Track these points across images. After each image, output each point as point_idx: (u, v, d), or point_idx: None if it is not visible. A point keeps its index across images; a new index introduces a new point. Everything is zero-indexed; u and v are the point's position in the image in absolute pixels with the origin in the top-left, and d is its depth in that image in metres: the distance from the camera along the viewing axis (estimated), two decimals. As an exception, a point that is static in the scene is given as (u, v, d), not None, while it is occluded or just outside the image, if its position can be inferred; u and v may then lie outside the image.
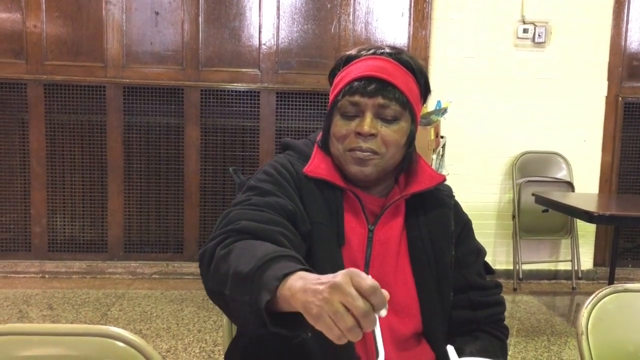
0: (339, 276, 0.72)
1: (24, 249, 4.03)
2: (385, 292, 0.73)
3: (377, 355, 0.80)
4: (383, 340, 1.03)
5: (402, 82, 1.10)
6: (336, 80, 1.15)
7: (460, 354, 0.90)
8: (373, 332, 0.75)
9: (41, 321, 3.15)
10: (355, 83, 1.09)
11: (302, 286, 0.76)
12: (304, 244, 1.05)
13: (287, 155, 1.19)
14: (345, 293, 0.71)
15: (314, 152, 1.17)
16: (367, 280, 0.72)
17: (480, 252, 1.24)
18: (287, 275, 0.79)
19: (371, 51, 1.13)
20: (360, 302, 0.70)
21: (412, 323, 1.12)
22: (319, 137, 1.20)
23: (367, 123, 1.08)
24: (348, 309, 0.70)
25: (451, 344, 0.93)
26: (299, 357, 0.94)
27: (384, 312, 0.72)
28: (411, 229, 1.16)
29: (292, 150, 1.21)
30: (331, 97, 1.14)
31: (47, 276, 3.95)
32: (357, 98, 1.09)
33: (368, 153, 1.09)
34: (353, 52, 1.15)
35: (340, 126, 1.11)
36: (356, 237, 1.11)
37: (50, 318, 3.22)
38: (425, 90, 1.17)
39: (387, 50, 1.13)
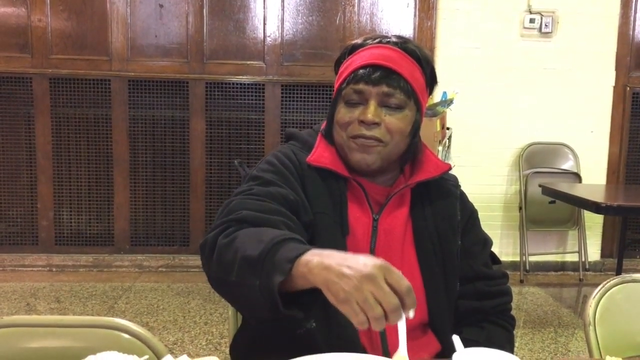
0: (371, 267, 0.74)
1: (31, 242, 4.05)
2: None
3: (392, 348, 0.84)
4: (389, 331, 1.03)
5: (407, 71, 1.08)
6: (341, 68, 1.14)
7: (466, 345, 0.89)
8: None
9: (49, 314, 3.17)
10: (360, 71, 1.08)
11: (320, 262, 0.78)
12: (306, 234, 1.05)
13: (290, 145, 1.18)
14: (378, 287, 0.73)
15: (317, 141, 1.16)
16: (404, 280, 0.75)
17: (487, 242, 1.23)
18: (298, 256, 0.80)
19: (377, 40, 1.12)
20: (393, 299, 0.73)
21: (418, 313, 1.10)
22: (323, 126, 1.19)
23: (371, 111, 1.07)
24: (377, 300, 0.72)
25: (457, 334, 0.92)
26: (303, 348, 0.93)
27: (412, 314, 0.75)
28: (417, 218, 1.15)
29: (296, 140, 1.20)
30: (336, 85, 1.14)
31: (54, 269, 3.97)
32: (361, 86, 1.08)
33: (372, 141, 1.08)
34: (359, 40, 1.14)
35: (343, 114, 1.10)
36: (361, 227, 1.11)
37: (57, 311, 3.23)
38: (431, 80, 1.16)
39: (393, 39, 1.12)
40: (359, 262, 0.75)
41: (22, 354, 1.02)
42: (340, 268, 0.75)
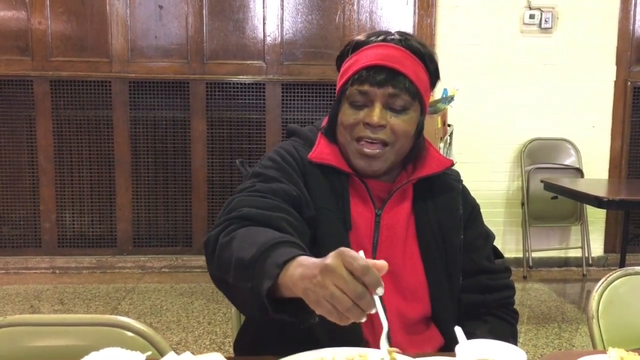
0: (330, 258, 0.72)
1: (34, 245, 4.05)
2: (382, 264, 0.72)
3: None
4: (392, 325, 1.03)
5: (411, 71, 1.08)
6: (344, 67, 1.13)
7: (469, 338, 0.89)
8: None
9: (53, 316, 3.17)
10: (364, 72, 1.07)
11: (301, 273, 0.76)
12: (309, 230, 1.05)
13: (292, 142, 1.18)
14: (337, 276, 0.70)
15: (318, 138, 1.16)
16: (359, 260, 0.71)
17: (489, 236, 1.23)
18: (286, 262, 0.80)
19: (380, 37, 1.11)
20: (352, 285, 0.70)
21: (420, 307, 1.11)
22: (323, 124, 1.19)
23: (376, 114, 1.06)
24: (343, 291, 0.70)
25: (460, 327, 0.92)
26: (307, 343, 0.94)
27: (380, 291, 0.71)
28: (419, 213, 1.15)
29: (297, 136, 1.20)
30: (339, 84, 1.13)
31: (57, 271, 3.97)
32: (366, 87, 1.07)
33: (377, 149, 1.07)
34: (362, 37, 1.13)
35: (348, 115, 1.09)
36: (363, 222, 1.11)
37: (61, 313, 3.23)
38: (435, 77, 1.15)
39: (397, 36, 1.11)
40: (323, 259, 0.74)
41: (27, 352, 1.03)
42: (311, 271, 0.74)
